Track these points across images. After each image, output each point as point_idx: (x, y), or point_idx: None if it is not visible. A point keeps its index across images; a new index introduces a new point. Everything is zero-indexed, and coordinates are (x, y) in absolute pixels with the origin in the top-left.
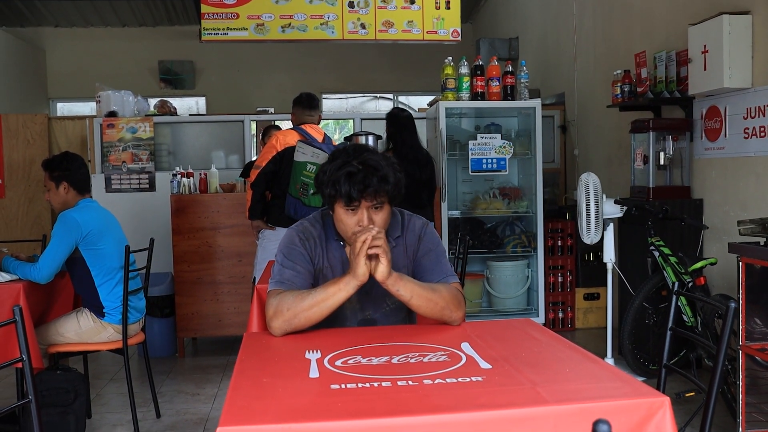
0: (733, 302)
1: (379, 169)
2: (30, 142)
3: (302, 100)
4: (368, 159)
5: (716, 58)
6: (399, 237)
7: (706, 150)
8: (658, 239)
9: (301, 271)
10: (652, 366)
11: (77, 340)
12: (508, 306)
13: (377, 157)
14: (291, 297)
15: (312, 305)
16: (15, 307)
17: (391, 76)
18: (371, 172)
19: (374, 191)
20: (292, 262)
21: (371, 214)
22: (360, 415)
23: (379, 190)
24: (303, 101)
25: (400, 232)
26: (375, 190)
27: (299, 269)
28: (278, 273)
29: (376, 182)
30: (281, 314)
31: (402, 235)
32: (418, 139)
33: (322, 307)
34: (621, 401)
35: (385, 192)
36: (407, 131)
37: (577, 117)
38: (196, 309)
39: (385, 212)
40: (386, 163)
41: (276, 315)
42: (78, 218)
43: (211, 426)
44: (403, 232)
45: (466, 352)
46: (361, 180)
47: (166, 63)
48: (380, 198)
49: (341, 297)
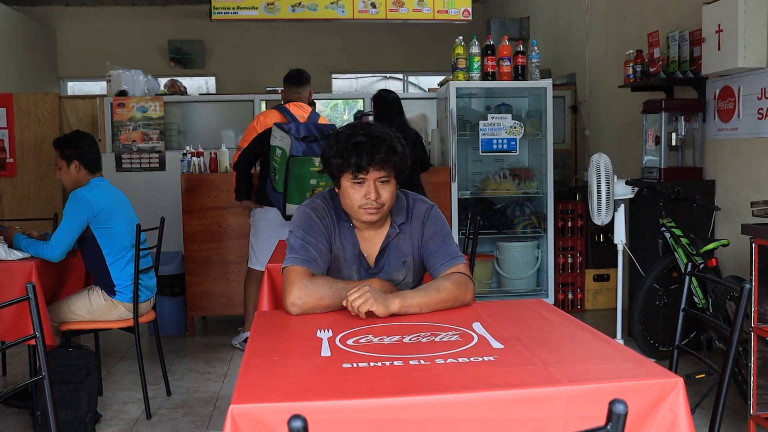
0: (747, 283)
1: (386, 140)
2: (41, 121)
3: (290, 77)
4: (375, 131)
5: (731, 38)
6: (404, 224)
7: (719, 131)
8: (669, 220)
9: (323, 250)
10: (662, 348)
11: (89, 318)
12: (518, 287)
13: (384, 129)
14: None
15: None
16: (28, 284)
17: (401, 56)
18: (379, 141)
19: (382, 160)
20: (314, 238)
21: (378, 188)
22: (372, 393)
23: (387, 159)
24: (290, 78)
25: (405, 219)
26: (383, 159)
27: (321, 247)
28: (302, 249)
29: (384, 151)
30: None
31: (407, 221)
32: (405, 120)
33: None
34: (634, 382)
35: (392, 163)
36: (393, 112)
37: (588, 97)
38: (207, 288)
39: (392, 186)
40: (393, 134)
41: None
42: (89, 197)
43: (221, 404)
44: (408, 218)
45: (478, 332)
46: (369, 149)
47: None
48: (387, 169)
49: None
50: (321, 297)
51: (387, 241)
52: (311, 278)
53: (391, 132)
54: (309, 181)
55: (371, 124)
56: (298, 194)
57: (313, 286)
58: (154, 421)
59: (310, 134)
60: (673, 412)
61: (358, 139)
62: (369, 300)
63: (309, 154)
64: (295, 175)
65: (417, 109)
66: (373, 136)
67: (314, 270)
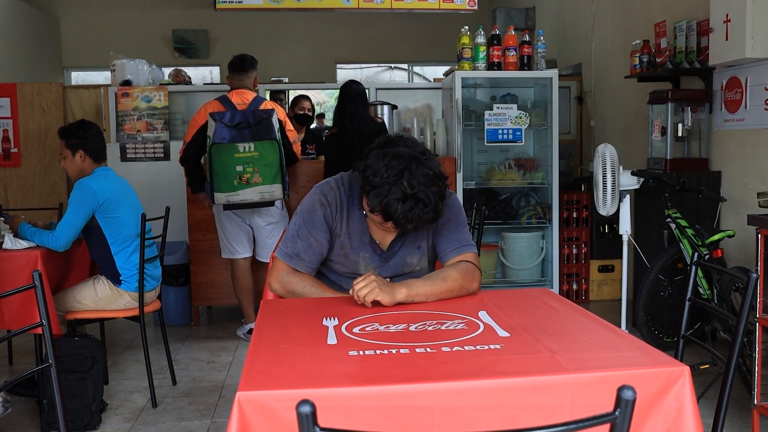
0: (753, 273)
1: (426, 204)
2: (45, 111)
3: (232, 64)
4: (421, 189)
5: (738, 28)
6: None
7: (726, 121)
8: (674, 211)
9: (314, 244)
10: (666, 338)
11: (94, 307)
12: (522, 277)
13: (429, 181)
14: (301, 287)
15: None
16: (34, 272)
17: (407, 46)
18: (418, 204)
19: (415, 226)
20: (307, 230)
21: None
22: (378, 381)
23: (420, 224)
24: (233, 65)
25: None
26: (416, 225)
27: (312, 241)
28: (291, 241)
29: (419, 215)
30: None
31: None
32: (367, 112)
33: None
34: (640, 370)
35: (425, 222)
36: (350, 102)
37: (594, 88)
38: (211, 278)
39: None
40: (435, 190)
41: (281, 287)
42: (94, 186)
43: (227, 393)
44: None
45: (484, 321)
46: (408, 210)
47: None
48: (419, 229)
49: None
50: (293, 292)
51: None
52: (290, 273)
53: (435, 186)
54: (234, 168)
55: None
56: (225, 182)
57: (289, 280)
58: (159, 409)
59: (243, 121)
60: (679, 401)
61: (399, 195)
62: (375, 289)
63: (237, 140)
64: (218, 163)
65: (422, 99)
66: (416, 197)
67: (295, 265)
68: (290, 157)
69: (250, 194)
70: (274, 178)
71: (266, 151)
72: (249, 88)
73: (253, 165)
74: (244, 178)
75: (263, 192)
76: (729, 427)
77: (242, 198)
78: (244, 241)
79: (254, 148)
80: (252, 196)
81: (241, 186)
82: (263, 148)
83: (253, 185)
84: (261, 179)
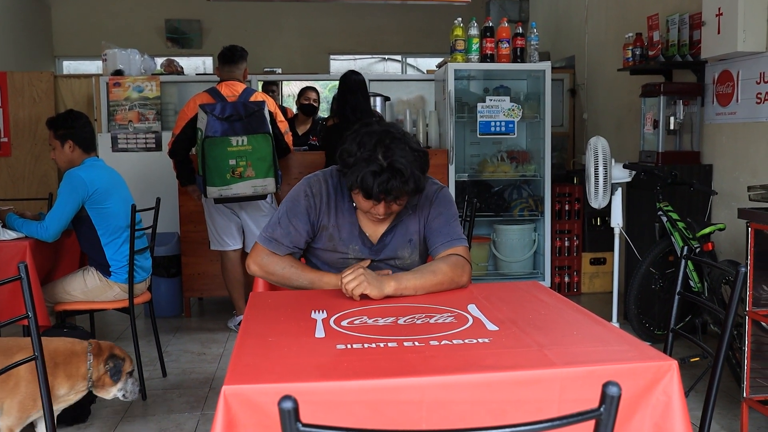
0: (743, 267)
1: (403, 173)
2: (36, 100)
3: (222, 55)
4: (396, 159)
5: (730, 22)
6: (415, 204)
7: (717, 115)
8: (666, 204)
9: (292, 232)
10: (657, 331)
11: (84, 298)
12: (514, 270)
13: (405, 153)
14: (280, 267)
15: (296, 285)
16: (20, 264)
17: (400, 38)
18: (395, 175)
19: (395, 196)
20: (288, 219)
21: (389, 205)
22: (366, 375)
23: (400, 194)
24: (223, 56)
25: (416, 200)
26: (396, 196)
27: (291, 230)
28: (272, 228)
29: (398, 186)
30: (264, 272)
31: (418, 202)
32: (365, 103)
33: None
34: (629, 364)
35: (405, 193)
36: (351, 93)
37: (587, 80)
38: (203, 269)
39: (403, 201)
40: (412, 160)
41: (260, 269)
42: (84, 177)
43: (217, 385)
44: (418, 199)
45: (473, 314)
46: (385, 182)
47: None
48: (400, 201)
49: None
50: (272, 273)
51: (397, 221)
52: (268, 255)
53: (412, 155)
54: (227, 161)
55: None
56: (218, 176)
57: (267, 261)
58: (149, 401)
59: (234, 113)
60: (667, 395)
61: (374, 167)
62: (363, 283)
63: (229, 134)
64: (211, 157)
65: (415, 90)
66: (392, 166)
67: (274, 249)
68: (282, 148)
69: (242, 188)
70: (267, 172)
71: (259, 144)
72: (239, 80)
73: (246, 159)
74: (237, 172)
75: (256, 186)
76: (718, 420)
77: (235, 192)
78: (234, 233)
79: (247, 141)
80: (245, 190)
81: (234, 180)
82: (256, 142)
83: (246, 179)
84: (254, 173)
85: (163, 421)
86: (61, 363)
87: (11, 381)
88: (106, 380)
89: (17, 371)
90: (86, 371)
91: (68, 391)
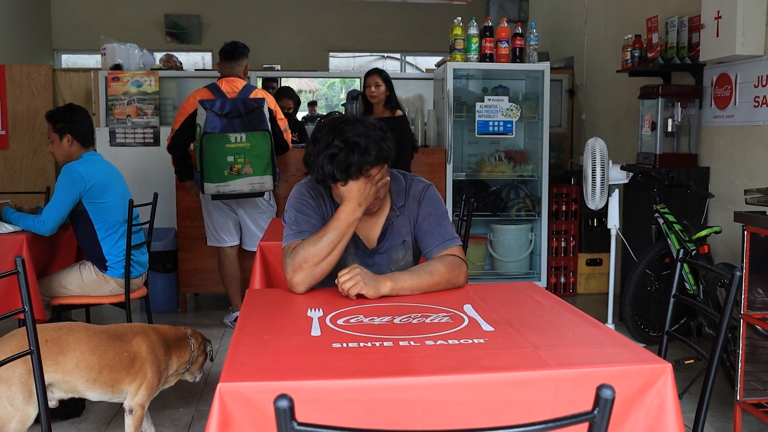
0: (738, 270)
1: (359, 145)
2: (34, 94)
3: (223, 51)
4: (349, 136)
5: (729, 25)
6: (403, 206)
7: (715, 118)
8: (663, 206)
9: (316, 225)
10: (652, 333)
11: (80, 292)
12: (511, 269)
13: (358, 129)
14: (303, 248)
15: (330, 247)
16: (17, 257)
17: (399, 36)
18: (351, 149)
19: (358, 169)
20: (306, 215)
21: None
22: (361, 374)
23: (363, 165)
24: (224, 52)
25: (403, 201)
26: (358, 168)
27: (314, 222)
28: (294, 224)
29: (357, 159)
30: (302, 268)
31: (405, 203)
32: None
33: (340, 247)
34: (623, 367)
35: (369, 164)
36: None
37: (586, 81)
38: (199, 265)
39: (380, 176)
40: (367, 132)
41: (297, 270)
42: (82, 171)
43: (212, 381)
44: (405, 200)
45: (469, 314)
46: (343, 160)
47: (173, 17)
48: (366, 171)
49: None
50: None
51: (387, 224)
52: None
53: (365, 128)
54: (225, 158)
55: (345, 122)
56: (215, 172)
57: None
58: None
59: (233, 110)
60: (661, 398)
61: (331, 150)
62: (359, 283)
63: (228, 130)
64: (209, 153)
65: (414, 89)
66: (346, 143)
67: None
68: (281, 146)
69: (240, 185)
70: (265, 170)
71: (258, 142)
72: (239, 76)
73: (244, 156)
74: (235, 169)
75: (254, 183)
76: (712, 422)
77: (232, 188)
78: (231, 230)
79: (246, 138)
80: (242, 187)
81: (232, 177)
82: (255, 139)
83: (243, 176)
84: (252, 170)
85: (158, 417)
86: (173, 346)
87: (137, 364)
88: (200, 361)
89: (140, 354)
90: (190, 354)
91: (174, 370)
